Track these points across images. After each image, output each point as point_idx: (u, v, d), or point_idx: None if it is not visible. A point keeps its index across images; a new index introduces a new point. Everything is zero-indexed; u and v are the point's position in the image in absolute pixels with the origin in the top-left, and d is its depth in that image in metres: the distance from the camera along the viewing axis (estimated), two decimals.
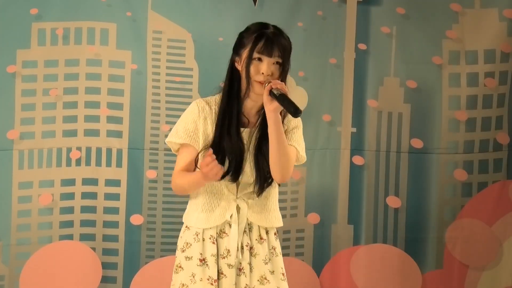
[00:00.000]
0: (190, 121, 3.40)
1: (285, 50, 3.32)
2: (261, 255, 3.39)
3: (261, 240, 3.41)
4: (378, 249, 5.21)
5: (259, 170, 3.37)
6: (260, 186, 3.38)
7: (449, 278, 5.23)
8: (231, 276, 3.34)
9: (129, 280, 5.01)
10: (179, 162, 3.43)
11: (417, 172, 5.25)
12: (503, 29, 5.26)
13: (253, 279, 3.38)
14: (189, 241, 3.39)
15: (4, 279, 4.96)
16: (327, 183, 5.19)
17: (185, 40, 5.13)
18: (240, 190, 3.39)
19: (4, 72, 5.00)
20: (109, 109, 5.06)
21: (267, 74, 3.30)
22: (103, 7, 5.07)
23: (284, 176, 3.35)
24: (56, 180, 5.02)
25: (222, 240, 3.36)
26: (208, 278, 3.32)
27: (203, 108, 3.40)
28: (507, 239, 5.28)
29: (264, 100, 3.27)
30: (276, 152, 3.30)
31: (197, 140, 3.38)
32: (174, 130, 3.43)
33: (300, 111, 3.21)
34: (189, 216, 3.45)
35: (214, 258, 3.34)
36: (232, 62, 3.40)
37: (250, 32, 3.37)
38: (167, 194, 5.08)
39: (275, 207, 3.46)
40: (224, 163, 3.33)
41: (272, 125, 3.28)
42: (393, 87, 5.26)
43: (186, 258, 3.38)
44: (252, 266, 3.39)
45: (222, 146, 3.34)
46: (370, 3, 5.24)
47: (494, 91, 5.27)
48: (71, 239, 5.01)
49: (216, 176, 3.22)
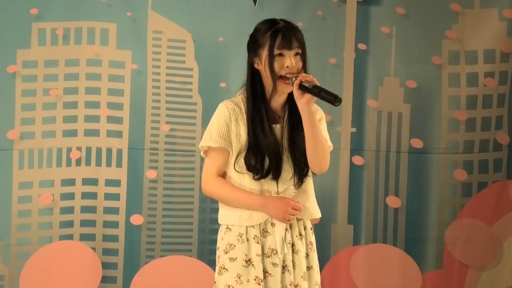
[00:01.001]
0: (222, 124, 3.38)
1: (301, 40, 3.39)
2: (301, 251, 3.41)
3: (301, 236, 3.43)
4: (378, 249, 5.21)
5: (297, 163, 3.39)
6: (299, 178, 3.40)
7: (449, 278, 5.23)
8: (277, 275, 3.35)
9: (129, 280, 5.01)
10: (212, 164, 3.41)
11: (417, 172, 5.25)
12: (503, 29, 5.26)
13: (297, 275, 3.39)
14: (233, 242, 3.37)
15: (4, 279, 4.96)
16: (327, 183, 5.19)
17: (185, 40, 5.13)
18: (280, 186, 3.40)
19: (4, 72, 5.00)
20: (109, 109, 5.06)
21: (292, 66, 3.33)
22: (103, 7, 5.07)
23: (323, 166, 3.40)
24: (56, 180, 5.02)
25: (266, 239, 3.37)
26: (255, 278, 3.33)
27: (234, 110, 3.39)
28: (507, 239, 5.27)
29: (295, 95, 3.30)
30: (313, 144, 3.34)
31: (230, 143, 3.38)
32: (207, 134, 3.41)
33: (340, 98, 3.27)
34: (229, 216, 3.42)
35: (259, 258, 3.34)
36: (251, 64, 3.40)
37: (262, 31, 3.37)
38: (167, 194, 5.08)
39: (313, 199, 3.48)
40: (263, 163, 3.34)
41: (307, 118, 3.31)
42: (393, 87, 5.26)
43: (231, 259, 3.36)
44: (294, 263, 3.40)
45: (260, 146, 3.35)
46: (370, 3, 5.24)
47: (494, 91, 5.27)
48: (71, 239, 5.00)
49: (286, 220, 3.35)
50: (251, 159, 3.34)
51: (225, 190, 3.39)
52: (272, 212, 3.34)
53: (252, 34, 3.41)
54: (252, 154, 3.34)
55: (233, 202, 3.39)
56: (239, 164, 3.37)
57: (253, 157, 3.34)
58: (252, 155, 3.34)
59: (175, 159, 5.10)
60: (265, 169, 3.34)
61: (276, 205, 3.34)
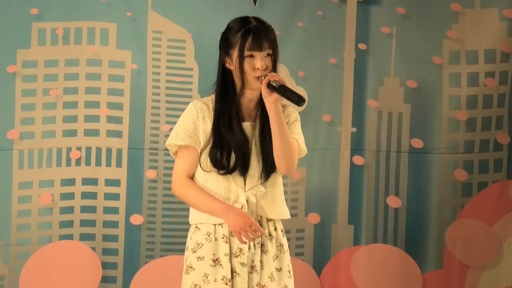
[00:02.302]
0: (189, 122, 3.40)
1: (272, 40, 3.35)
2: (270, 252, 3.40)
3: (270, 237, 3.41)
4: (378, 249, 5.21)
5: (265, 159, 3.38)
6: (266, 173, 3.38)
7: (449, 278, 5.23)
8: (244, 275, 3.34)
9: (129, 280, 5.01)
10: (181, 164, 3.41)
11: (417, 172, 5.25)
12: (503, 29, 5.26)
13: (264, 276, 3.38)
14: (201, 241, 3.37)
15: (4, 279, 4.96)
16: (327, 183, 5.19)
17: (185, 40, 5.13)
18: (247, 184, 3.39)
19: (4, 72, 5.00)
20: (109, 109, 5.06)
21: (263, 69, 3.32)
22: (103, 7, 5.07)
23: (289, 167, 3.37)
24: (56, 180, 5.02)
25: (234, 238, 3.35)
26: (223, 278, 3.31)
27: (201, 108, 3.41)
28: (507, 239, 5.27)
29: (263, 94, 3.29)
30: (280, 143, 3.32)
31: (197, 141, 3.38)
32: (173, 133, 3.42)
33: (304, 99, 3.23)
34: (199, 215, 3.41)
35: (227, 258, 3.34)
36: (222, 62, 3.40)
37: (234, 30, 3.36)
38: (167, 194, 5.08)
39: (282, 199, 3.47)
40: (229, 158, 3.33)
41: (274, 117, 3.30)
42: (393, 87, 5.26)
43: (198, 259, 3.36)
44: (263, 263, 3.39)
45: (226, 142, 3.35)
46: (370, 3, 5.24)
47: (494, 91, 5.27)
48: (71, 239, 5.01)
49: (238, 234, 3.29)
50: (217, 154, 3.33)
51: (192, 193, 3.38)
52: (231, 220, 3.30)
53: (223, 33, 3.40)
54: (216, 150, 3.32)
55: (198, 206, 3.38)
56: (205, 162, 3.36)
57: (218, 152, 3.33)
58: (217, 150, 3.32)
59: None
60: (231, 164, 3.33)
61: (236, 216, 3.29)
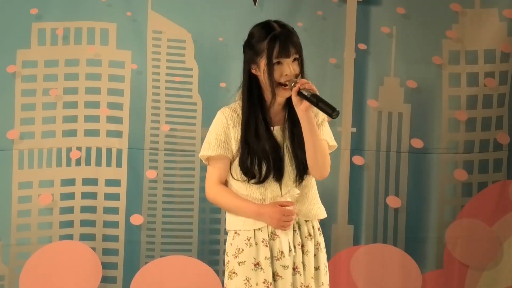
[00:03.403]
0: (220, 132, 3.39)
1: (298, 44, 3.36)
2: (311, 252, 3.42)
3: (310, 236, 3.43)
4: (378, 249, 5.21)
5: (298, 162, 3.38)
6: (300, 175, 3.39)
7: (449, 278, 5.23)
8: (287, 277, 3.35)
9: (129, 280, 5.01)
10: (214, 171, 3.41)
11: (417, 172, 5.25)
12: (503, 29, 5.26)
13: (307, 276, 3.40)
14: (241, 247, 3.37)
15: (4, 279, 4.96)
16: (327, 183, 5.18)
17: (185, 40, 5.13)
18: (283, 189, 3.39)
19: (4, 72, 5.00)
20: (109, 109, 5.06)
21: (292, 74, 3.32)
22: (103, 7, 5.07)
23: (323, 173, 3.40)
24: (56, 180, 5.02)
25: (274, 242, 3.36)
26: (264, 282, 3.33)
27: (231, 116, 3.40)
28: (507, 239, 5.28)
29: (293, 102, 3.29)
30: (313, 151, 3.34)
31: (230, 150, 3.38)
32: (206, 144, 3.41)
33: (338, 111, 3.23)
34: (235, 221, 3.42)
35: (268, 261, 3.34)
36: (248, 69, 3.38)
37: (258, 37, 3.35)
38: (167, 194, 5.08)
39: (317, 199, 3.48)
40: (261, 166, 3.34)
41: (306, 125, 3.31)
42: (393, 87, 5.26)
43: (240, 263, 3.36)
44: (305, 264, 3.40)
45: (255, 150, 3.34)
46: (370, 3, 5.24)
47: (494, 91, 5.27)
48: (71, 239, 5.00)
49: (282, 227, 3.33)
50: (247, 162, 3.34)
51: (225, 198, 3.40)
52: (268, 221, 3.34)
53: (248, 40, 3.39)
54: (245, 158, 3.33)
55: (233, 210, 3.40)
56: (236, 171, 3.38)
57: (248, 161, 3.34)
58: (246, 159, 3.33)
59: (175, 159, 5.10)
60: (264, 172, 3.33)
61: (269, 213, 3.33)
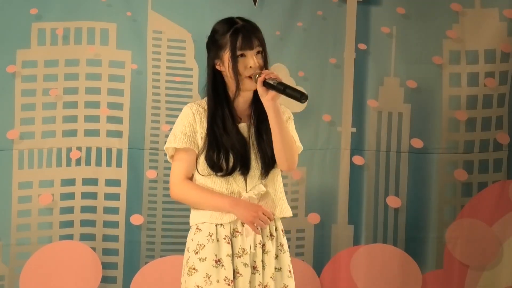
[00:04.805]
0: (187, 125, 3.40)
1: (261, 38, 3.38)
2: (271, 251, 3.40)
3: (271, 236, 3.42)
4: (378, 249, 5.21)
5: (263, 157, 3.38)
6: (265, 169, 3.39)
7: (449, 278, 5.23)
8: (247, 275, 3.35)
9: (129, 280, 5.01)
10: (180, 167, 3.41)
11: (417, 172, 5.25)
12: (503, 29, 5.26)
13: (266, 276, 3.39)
14: (202, 243, 3.37)
15: (4, 279, 4.96)
16: (327, 183, 5.19)
17: (185, 40, 5.13)
18: (248, 184, 3.39)
19: (4, 72, 5.00)
20: (109, 109, 5.06)
21: (256, 67, 3.33)
22: (103, 7, 5.07)
23: (290, 163, 3.39)
24: (56, 180, 5.02)
25: (236, 239, 3.36)
26: (225, 279, 3.32)
27: (198, 110, 3.42)
28: (507, 239, 5.28)
29: (259, 92, 3.30)
30: (280, 140, 3.34)
31: (196, 143, 3.39)
32: (171, 136, 3.42)
33: (306, 95, 3.23)
34: (201, 214, 3.41)
35: (229, 258, 3.34)
36: (211, 65, 3.41)
37: (221, 32, 3.40)
38: (167, 194, 5.05)
39: (283, 198, 3.48)
40: (228, 159, 3.34)
41: (273, 114, 3.31)
42: (393, 87, 5.26)
43: (200, 260, 3.36)
44: (264, 263, 3.39)
45: (222, 143, 3.35)
46: (370, 3, 5.24)
47: (494, 91, 5.27)
48: (71, 239, 5.00)
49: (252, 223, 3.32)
50: (213, 156, 3.34)
51: (194, 192, 3.39)
52: (241, 213, 3.32)
53: (210, 36, 3.44)
54: (213, 152, 3.33)
55: (203, 204, 3.38)
56: (202, 165, 3.37)
57: (215, 154, 3.34)
58: (213, 152, 3.33)
59: None
60: (231, 164, 3.34)
61: (246, 205, 3.33)
